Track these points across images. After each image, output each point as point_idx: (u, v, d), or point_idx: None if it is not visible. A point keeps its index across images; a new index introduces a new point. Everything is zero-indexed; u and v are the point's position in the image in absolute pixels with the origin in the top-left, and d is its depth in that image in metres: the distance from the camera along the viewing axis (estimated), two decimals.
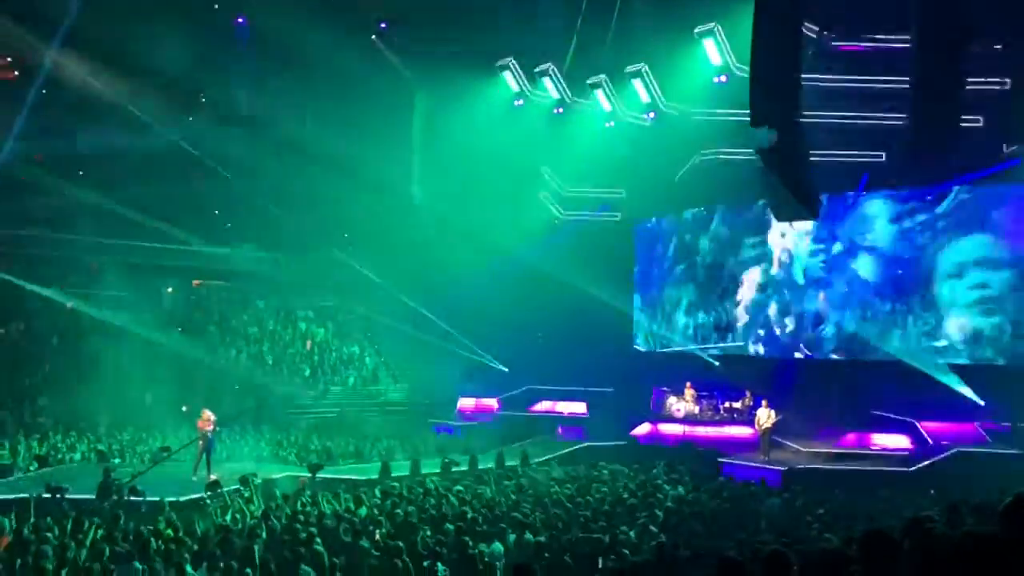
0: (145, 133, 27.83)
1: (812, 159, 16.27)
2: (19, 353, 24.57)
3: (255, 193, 28.80)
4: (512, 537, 11.08)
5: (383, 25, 28.23)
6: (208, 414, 17.98)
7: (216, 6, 28.33)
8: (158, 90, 26.73)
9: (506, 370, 28.45)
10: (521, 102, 26.72)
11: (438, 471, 18.36)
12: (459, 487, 15.34)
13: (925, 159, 20.85)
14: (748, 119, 14.38)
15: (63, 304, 26.41)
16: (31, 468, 18.31)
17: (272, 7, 25.93)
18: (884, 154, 22.97)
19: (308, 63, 26.96)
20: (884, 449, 20.74)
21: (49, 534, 11.07)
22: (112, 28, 23.93)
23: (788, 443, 21.21)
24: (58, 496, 14.18)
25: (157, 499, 14.36)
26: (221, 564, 9.43)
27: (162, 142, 28.10)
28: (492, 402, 27.57)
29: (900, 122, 21.96)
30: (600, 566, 9.72)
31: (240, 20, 29.07)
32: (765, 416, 20.70)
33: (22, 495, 14.26)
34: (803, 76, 14.68)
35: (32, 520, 12.36)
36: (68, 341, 25.28)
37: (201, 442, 17.72)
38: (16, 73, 28.39)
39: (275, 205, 28.92)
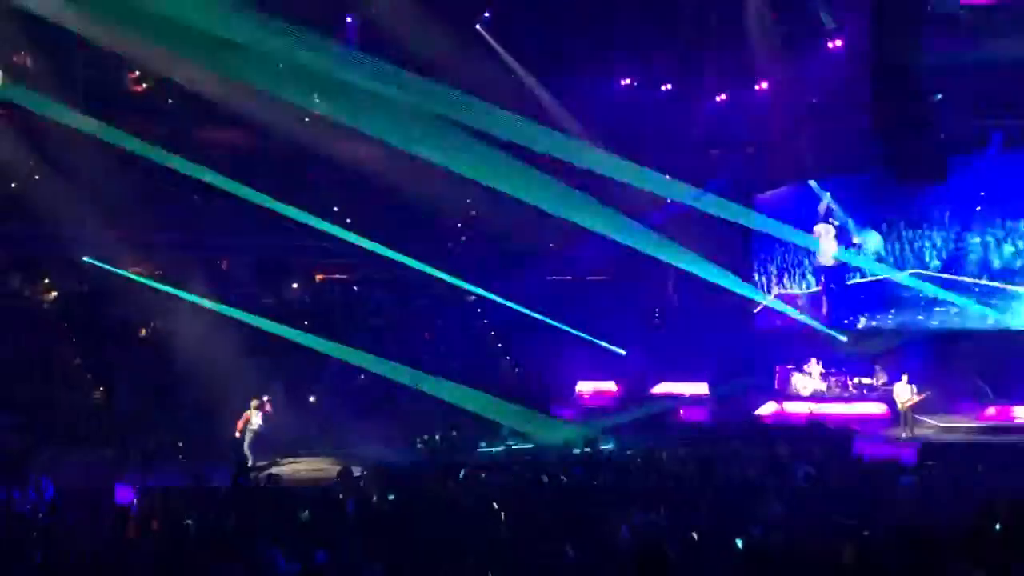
0: (264, 133, 28.96)
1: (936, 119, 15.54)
2: (157, 351, 25.83)
3: (372, 187, 29.40)
4: (637, 516, 11.03)
5: (487, 14, 28.38)
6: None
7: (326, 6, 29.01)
8: (272, 90, 27.60)
9: (623, 353, 28.25)
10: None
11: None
12: (580, 467, 15.38)
13: None
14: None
15: (196, 303, 27.65)
16: (179, 458, 19.38)
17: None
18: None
19: (418, 57, 27.35)
20: None
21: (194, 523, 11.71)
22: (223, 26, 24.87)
23: (923, 418, 20.36)
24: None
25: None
26: None
27: (280, 142, 29.14)
28: (611, 385, 27.44)
29: None
30: (732, 545, 9.58)
31: (349, 19, 29.70)
32: (906, 392, 19.88)
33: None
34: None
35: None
36: (203, 339, 26.41)
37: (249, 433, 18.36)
38: (145, 85, 29.87)
39: (391, 199, 29.45)
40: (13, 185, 25.97)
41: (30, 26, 24.84)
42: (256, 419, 18.95)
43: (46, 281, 26.30)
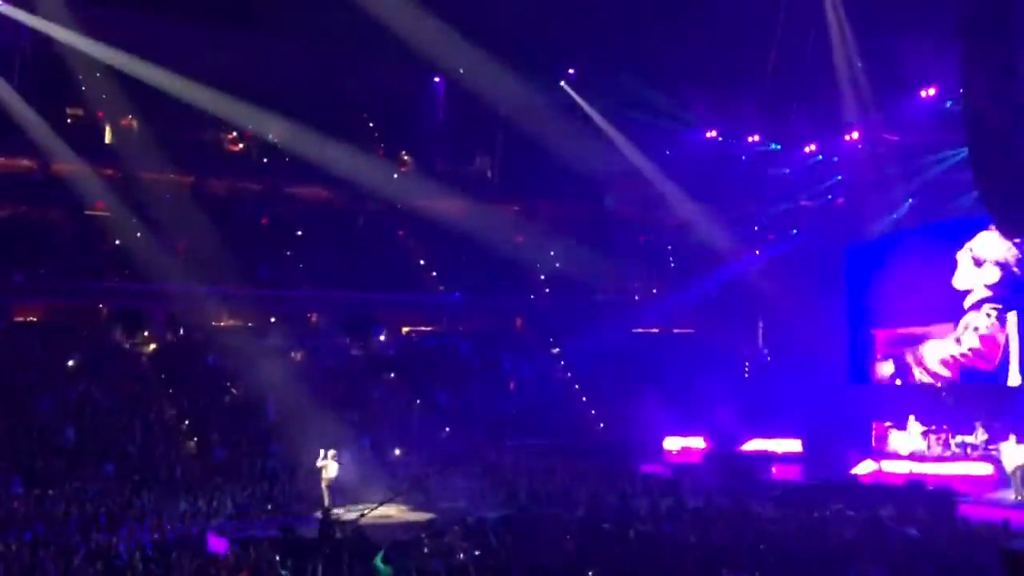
0: (350, 193, 29.85)
1: None
2: (250, 403, 26.41)
3: (457, 242, 29.79)
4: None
5: (572, 71, 28.74)
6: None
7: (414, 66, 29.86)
8: (363, 148, 28.44)
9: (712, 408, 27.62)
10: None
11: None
12: (671, 528, 15.01)
13: None
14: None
15: (287, 356, 28.21)
16: (267, 508, 19.65)
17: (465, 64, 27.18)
18: None
19: (500, 113, 27.88)
20: None
21: (285, 572, 11.80)
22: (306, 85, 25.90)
23: None
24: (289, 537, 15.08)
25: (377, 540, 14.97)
26: None
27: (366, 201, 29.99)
28: (699, 441, 26.80)
29: None
30: None
31: (437, 79, 30.48)
32: (1016, 451, 18.90)
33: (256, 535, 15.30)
34: None
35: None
36: (292, 391, 26.92)
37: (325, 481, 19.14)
38: (241, 146, 31.07)
39: (476, 253, 29.78)
40: (117, 242, 27.13)
41: (135, 90, 26.26)
42: (332, 469, 19.23)
43: (145, 334, 27.24)
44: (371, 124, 30.94)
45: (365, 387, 27.80)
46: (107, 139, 28.78)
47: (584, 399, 31.18)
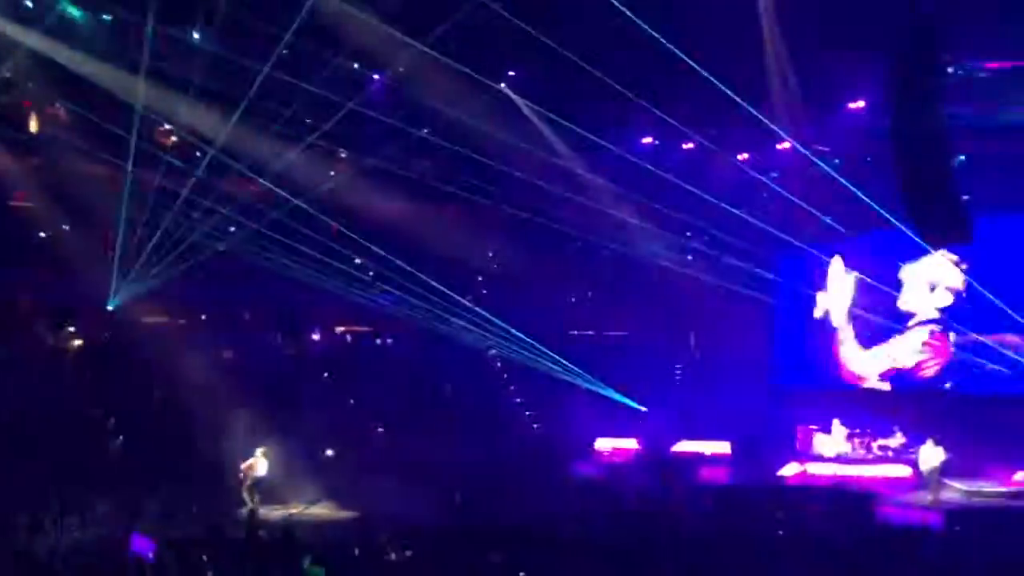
0: (285, 190, 29.36)
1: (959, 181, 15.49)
2: (178, 401, 25.89)
3: (395, 240, 29.62)
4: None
5: (512, 72, 28.72)
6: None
7: (355, 64, 29.53)
8: (299, 145, 28.03)
9: (644, 409, 28.02)
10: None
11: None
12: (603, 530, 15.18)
13: None
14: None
15: (217, 354, 27.77)
16: (194, 508, 19.31)
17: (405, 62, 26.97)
18: None
19: (439, 114, 27.71)
20: None
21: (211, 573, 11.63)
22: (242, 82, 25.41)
23: (951, 482, 19.98)
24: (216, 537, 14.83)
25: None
26: None
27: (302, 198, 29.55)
28: (631, 443, 27.13)
29: None
30: None
31: (376, 76, 30.17)
32: (932, 455, 19.56)
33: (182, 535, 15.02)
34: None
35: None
36: (223, 391, 26.48)
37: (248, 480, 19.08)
38: (174, 139, 30.36)
39: (413, 251, 29.64)
40: (42, 234, 26.37)
41: (63, 78, 25.46)
42: (262, 467, 19.09)
43: (70, 329, 26.54)
44: (308, 121, 30.54)
45: (297, 386, 27.56)
46: (32, 128, 27.91)
47: (519, 400, 31.34)
